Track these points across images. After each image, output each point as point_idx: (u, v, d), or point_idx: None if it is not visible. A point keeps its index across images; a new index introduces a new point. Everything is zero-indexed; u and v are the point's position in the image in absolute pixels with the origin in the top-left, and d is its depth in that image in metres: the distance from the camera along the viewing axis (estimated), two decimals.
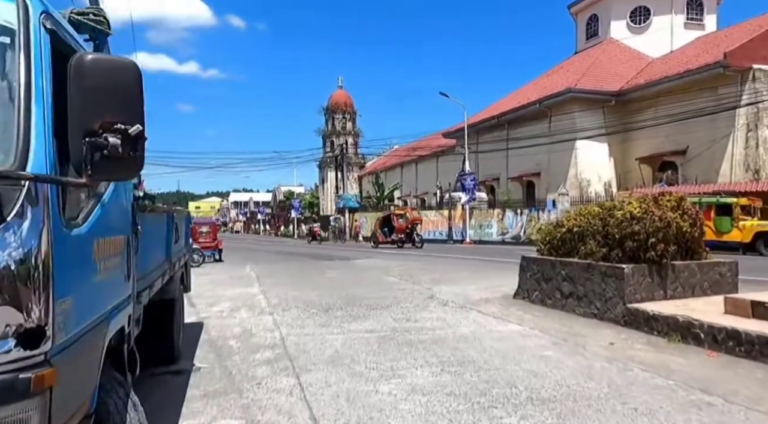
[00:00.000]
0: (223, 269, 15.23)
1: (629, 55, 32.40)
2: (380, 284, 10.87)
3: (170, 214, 4.57)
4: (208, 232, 18.03)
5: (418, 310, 7.80)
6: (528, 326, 6.45)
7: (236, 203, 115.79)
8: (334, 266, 15.84)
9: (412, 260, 17.63)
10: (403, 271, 13.56)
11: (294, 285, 10.97)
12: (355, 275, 12.93)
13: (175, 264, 4.87)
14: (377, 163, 65.16)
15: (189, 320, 7.28)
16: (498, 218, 28.72)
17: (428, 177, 50.03)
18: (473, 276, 11.98)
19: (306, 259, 19.50)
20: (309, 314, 7.63)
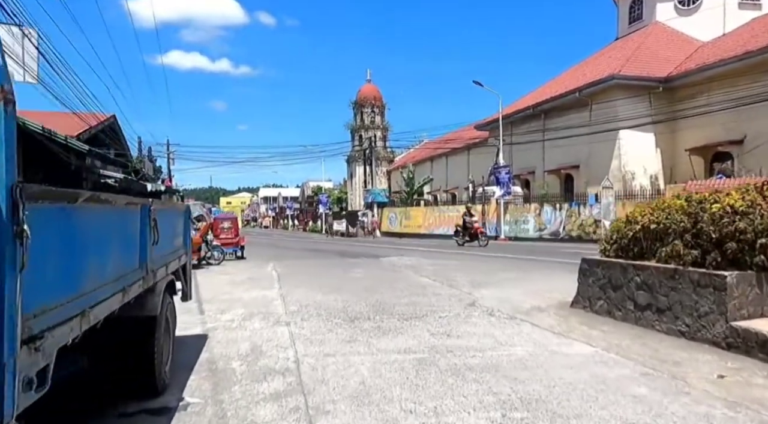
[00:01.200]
0: (244, 268, 14.31)
1: (677, 38, 30.22)
2: (412, 287, 9.71)
3: (145, 206, 3.49)
4: (229, 227, 17.17)
5: (459, 321, 6.61)
6: (600, 347, 5.20)
7: (266, 199, 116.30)
8: (362, 264, 14.75)
9: (445, 258, 16.40)
10: (437, 271, 12.37)
11: (317, 287, 9.91)
12: (385, 275, 11.80)
13: (156, 272, 3.81)
14: (406, 158, 63.91)
15: (192, 331, 6.28)
16: (535, 213, 27.16)
17: (459, 171, 48.50)
18: (516, 278, 10.70)
19: (332, 256, 18.47)
20: (331, 325, 6.53)
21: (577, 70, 34.35)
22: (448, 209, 33.32)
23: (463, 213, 24.36)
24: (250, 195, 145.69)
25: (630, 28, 34.26)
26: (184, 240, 5.46)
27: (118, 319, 3.25)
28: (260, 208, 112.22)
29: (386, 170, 65.15)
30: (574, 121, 29.14)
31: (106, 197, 2.63)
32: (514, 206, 28.82)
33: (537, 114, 33.50)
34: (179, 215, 5.12)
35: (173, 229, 4.77)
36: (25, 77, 12.07)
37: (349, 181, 69.68)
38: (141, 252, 3.47)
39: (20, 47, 11.96)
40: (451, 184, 50.43)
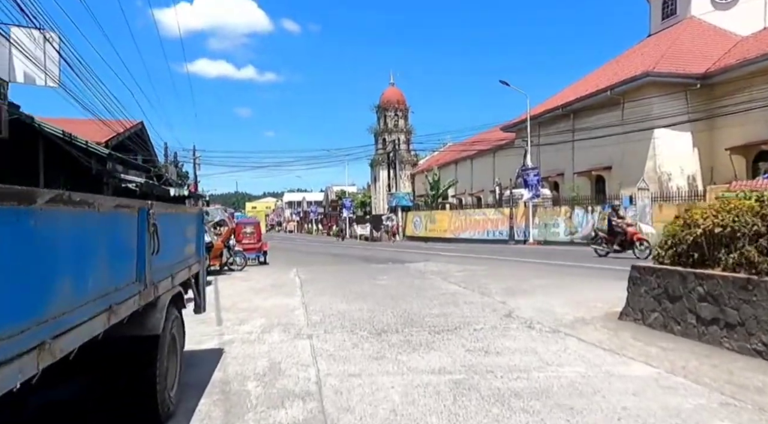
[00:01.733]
0: (266, 274, 13.92)
1: (714, 33, 28.96)
2: (442, 295, 9.13)
3: (143, 210, 3.02)
4: (252, 233, 16.85)
5: (496, 335, 6.01)
6: (663, 368, 4.55)
7: (290, 203, 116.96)
8: (388, 270, 14.21)
9: (473, 263, 15.74)
10: (466, 277, 11.75)
11: (341, 295, 9.42)
12: (412, 282, 11.24)
13: (158, 285, 3.34)
14: (430, 161, 63.26)
15: (207, 345, 5.83)
16: (565, 217, 26.22)
17: (484, 174, 47.66)
18: (553, 285, 10.02)
19: (357, 262, 17.98)
20: (357, 338, 6.01)
21: (608, 68, 33.29)
22: (474, 213, 32.57)
23: (609, 213, 18.16)
24: (275, 200, 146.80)
25: (663, 24, 33.05)
26: (196, 248, 5.02)
27: (111, 340, 2.79)
28: (285, 212, 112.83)
29: (410, 174, 64.60)
30: (606, 121, 28.14)
31: (84, 199, 2.15)
32: (543, 209, 27.92)
33: (566, 114, 32.55)
34: (190, 220, 4.67)
35: (182, 235, 4.32)
36: (47, 81, 11.92)
37: (372, 185, 69.36)
38: (138, 263, 3.00)
39: (41, 51, 11.82)
40: (476, 188, 49.56)
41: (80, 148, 12.01)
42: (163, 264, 3.54)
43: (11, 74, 11.70)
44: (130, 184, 12.50)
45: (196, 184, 49.30)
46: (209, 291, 10.54)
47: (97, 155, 12.30)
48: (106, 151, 12.24)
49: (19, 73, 11.90)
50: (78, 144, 11.58)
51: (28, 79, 11.96)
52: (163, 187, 16.67)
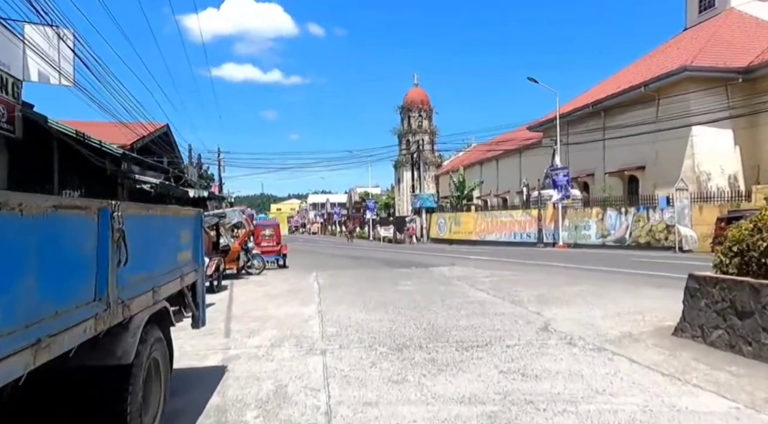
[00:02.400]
0: (284, 278, 13.39)
1: (756, 25, 27.48)
2: (469, 304, 8.43)
3: (104, 211, 2.44)
4: (271, 235, 16.38)
5: (533, 353, 5.30)
6: (742, 401, 3.79)
7: (314, 205, 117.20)
8: (411, 275, 13.54)
9: (501, 267, 14.96)
10: (495, 283, 11.01)
11: (360, 303, 8.80)
12: (436, 288, 10.55)
13: (129, 303, 2.76)
14: (454, 162, 62.34)
15: (209, 361, 5.28)
16: (597, 218, 25.13)
17: (510, 174, 46.57)
18: (590, 293, 9.21)
19: (378, 265, 17.36)
20: (375, 355, 5.37)
21: (641, 64, 32.00)
22: (501, 214, 31.63)
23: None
24: (299, 202, 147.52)
25: (700, 16, 31.57)
26: (194, 254, 4.45)
27: (62, 372, 2.22)
28: (309, 214, 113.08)
29: (434, 175, 63.76)
30: (639, 119, 26.94)
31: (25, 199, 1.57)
32: (573, 211, 26.85)
33: (596, 112, 31.42)
34: (183, 223, 4.10)
35: (171, 241, 3.75)
36: (61, 80, 11.63)
37: (396, 186, 68.73)
38: (98, 278, 2.42)
39: (55, 49, 11.53)
40: (502, 189, 48.48)
41: (95, 148, 11.70)
42: (138, 277, 2.96)
43: (25, 73, 11.43)
44: (144, 185, 12.16)
45: (221, 186, 49.49)
46: (223, 297, 10.06)
47: (112, 156, 11.98)
48: (120, 151, 11.90)
49: (33, 72, 11.63)
50: (91, 144, 11.26)
51: (42, 78, 11.68)
52: (182, 189, 16.36)
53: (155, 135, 23.99)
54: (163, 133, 27.09)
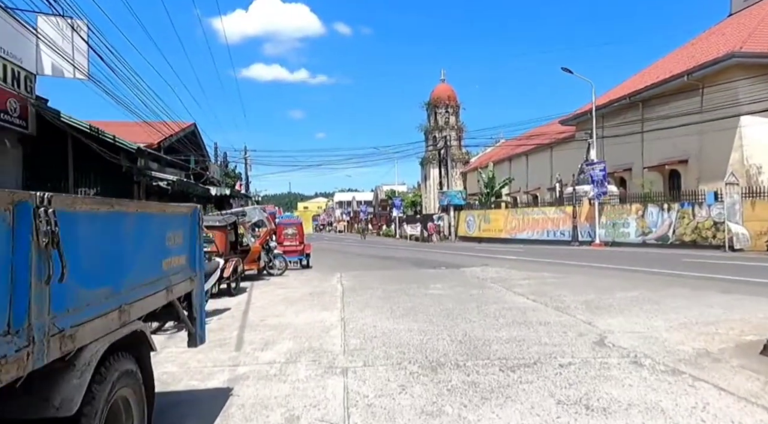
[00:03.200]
0: (306, 280, 12.71)
1: None
2: (509, 311, 7.56)
3: (22, 205, 1.71)
4: (294, 234, 15.72)
5: (593, 375, 4.43)
6: None
7: (340, 203, 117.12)
8: (441, 276, 12.71)
9: (538, 268, 13.98)
10: (534, 286, 10.09)
11: (388, 309, 8.02)
12: (470, 292, 9.69)
13: (74, 332, 2.02)
14: (482, 158, 61.08)
15: (212, 381, 4.58)
16: (637, 215, 23.76)
17: (541, 170, 45.17)
18: (644, 299, 8.22)
19: (406, 265, 16.55)
20: (405, 376, 4.58)
21: (682, 52, 30.34)
22: (532, 211, 30.41)
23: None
24: (326, 200, 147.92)
25: (747, 1, 29.71)
26: (189, 259, 3.73)
27: None
28: (335, 212, 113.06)
29: (461, 172, 62.57)
30: (681, 110, 25.41)
31: None
32: (610, 207, 25.51)
33: (634, 104, 29.92)
34: (171, 222, 3.37)
35: (152, 245, 3.02)
36: (75, 73, 11.18)
37: (423, 184, 67.77)
38: (14, 300, 1.68)
39: (68, 41, 11.07)
40: (532, 185, 47.06)
41: (110, 145, 11.22)
42: (95, 294, 2.23)
43: (38, 66, 11.02)
44: (161, 183, 11.63)
45: (248, 184, 49.44)
46: (240, 301, 9.41)
47: (128, 152, 11.48)
48: (134, 146, 11.38)
49: (47, 65, 11.21)
50: (105, 139, 10.78)
51: (55, 71, 11.26)
52: (202, 186, 15.87)
53: (181, 135, 23.74)
54: (190, 133, 26.85)
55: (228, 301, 9.39)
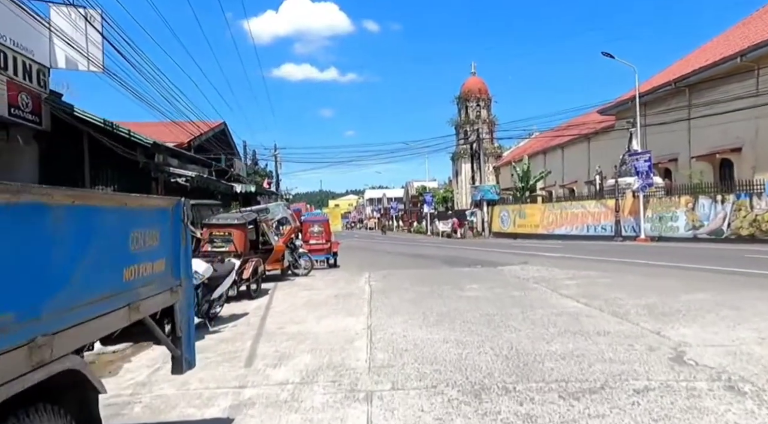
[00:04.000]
0: (333, 280, 11.96)
1: None
2: (558, 317, 6.61)
3: None
4: (320, 232, 14.99)
5: (681, 406, 3.49)
6: None
7: (371, 200, 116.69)
8: (477, 276, 11.78)
9: (583, 266, 12.89)
10: (583, 287, 9.07)
11: (420, 315, 7.17)
12: (510, 294, 8.75)
13: None
14: (515, 152, 59.46)
15: (213, 409, 3.87)
16: (686, 208, 22.19)
17: (577, 163, 43.46)
18: (721, 303, 7.12)
19: (438, 264, 15.65)
20: (442, 405, 3.73)
21: (733, 33, 28.37)
22: (571, 206, 29.00)
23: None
24: (356, 197, 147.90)
25: None
26: (171, 265, 2.97)
27: None
28: (366, 209, 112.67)
29: (493, 167, 61.04)
30: (734, 94, 23.64)
31: None
32: (656, 200, 23.97)
33: (680, 90, 28.19)
34: (138, 218, 2.60)
35: (102, 248, 2.25)
36: (89, 66, 10.70)
37: (454, 179, 66.48)
38: None
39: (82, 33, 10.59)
40: (568, 178, 45.32)
41: (126, 140, 10.71)
42: None
43: (52, 59, 10.57)
44: (179, 179, 11.07)
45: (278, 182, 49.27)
46: (260, 305, 8.71)
47: (145, 147, 10.95)
48: (150, 141, 10.83)
49: (60, 58, 10.76)
50: (120, 133, 10.27)
51: (69, 64, 10.80)
52: (225, 183, 15.34)
53: (210, 134, 23.43)
54: (220, 132, 26.54)
55: (247, 305, 8.71)
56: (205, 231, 9.46)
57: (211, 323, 6.81)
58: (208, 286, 6.76)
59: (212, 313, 7.05)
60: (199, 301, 6.47)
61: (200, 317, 6.71)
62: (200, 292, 6.47)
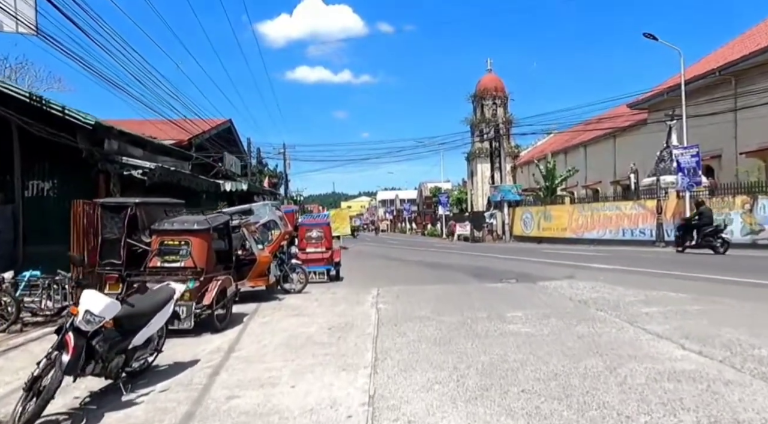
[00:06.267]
0: (331, 300, 9.47)
1: None
2: (676, 383, 4.08)
3: None
4: (319, 238, 12.46)
5: None
6: None
7: (383, 202, 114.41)
8: (515, 295, 9.24)
9: (649, 283, 10.30)
10: (674, 319, 6.49)
11: (450, 370, 4.68)
12: (575, 331, 6.20)
13: None
14: (533, 152, 56.69)
15: None
16: (743, 209, 19.37)
17: (601, 162, 40.73)
18: None
19: (462, 276, 13.08)
20: None
21: None
22: (604, 207, 26.23)
23: None
24: (369, 199, 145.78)
25: None
26: None
27: None
28: (378, 211, 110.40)
29: (510, 167, 58.28)
30: None
31: None
32: (706, 201, 21.15)
33: (725, 79, 25.40)
34: None
35: None
36: (18, 28, 8.37)
37: (469, 180, 63.79)
38: None
39: None
40: (591, 178, 42.51)
41: (63, 123, 8.36)
42: None
43: None
44: (134, 171, 8.71)
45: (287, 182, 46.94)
46: (224, 342, 6.25)
47: (91, 131, 8.60)
48: (91, 121, 8.44)
49: None
50: (52, 110, 7.93)
51: None
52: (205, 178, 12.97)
53: (213, 132, 21.21)
54: (225, 130, 24.28)
55: (206, 343, 6.28)
56: (155, 239, 7.05)
57: (126, 388, 4.38)
58: (121, 329, 4.34)
59: (133, 368, 4.64)
60: (102, 355, 4.07)
61: (108, 378, 4.31)
62: (101, 341, 4.05)
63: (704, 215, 17.45)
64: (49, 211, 9.05)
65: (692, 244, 17.31)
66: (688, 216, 18.92)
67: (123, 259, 7.22)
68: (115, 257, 7.19)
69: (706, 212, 17.64)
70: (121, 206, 7.33)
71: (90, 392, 4.46)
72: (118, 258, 7.19)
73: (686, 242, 17.61)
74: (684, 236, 17.84)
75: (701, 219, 17.31)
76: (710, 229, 16.98)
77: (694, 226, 17.48)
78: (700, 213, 17.55)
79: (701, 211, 17.66)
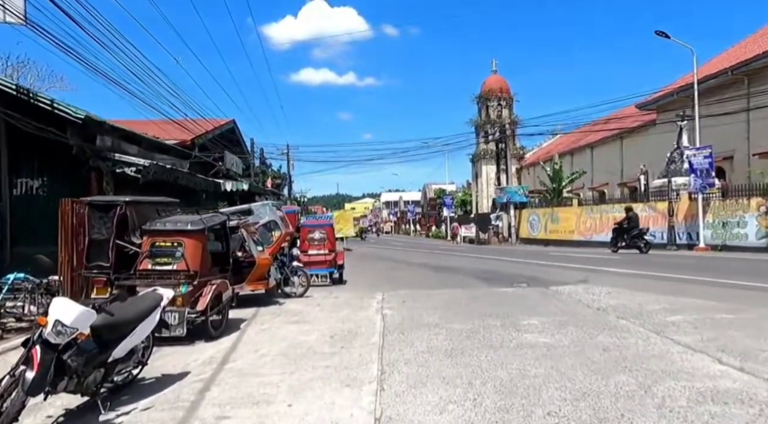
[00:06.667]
0: (333, 305, 9.00)
1: None
2: (723, 408, 3.60)
3: None
4: (321, 240, 11.99)
5: None
6: None
7: (387, 203, 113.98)
8: (529, 301, 8.75)
9: (669, 288, 9.80)
10: (702, 329, 6.00)
11: (465, 387, 4.22)
12: (596, 342, 5.72)
13: None
14: (538, 154, 56.20)
15: None
16: (759, 212, 18.80)
17: (608, 164, 40.18)
18: None
19: (471, 281, 12.60)
20: None
21: None
22: (613, 209, 25.68)
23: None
24: (373, 200, 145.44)
25: None
26: None
27: None
28: (382, 213, 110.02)
29: (516, 169, 57.75)
30: None
31: None
32: (719, 203, 20.63)
33: (737, 78, 24.91)
34: None
35: None
36: (6, 17, 7.96)
37: (474, 182, 63.25)
38: None
39: None
40: (598, 180, 41.99)
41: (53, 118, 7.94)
42: None
43: None
44: (127, 169, 8.28)
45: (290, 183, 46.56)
46: (218, 352, 5.79)
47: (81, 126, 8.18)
48: (81, 115, 8.01)
49: None
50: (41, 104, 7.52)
51: None
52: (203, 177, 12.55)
53: (216, 132, 20.84)
54: (229, 130, 23.87)
55: (199, 353, 5.83)
56: (146, 240, 6.61)
57: (105, 406, 3.93)
58: (99, 340, 3.89)
59: (115, 383, 4.20)
60: (76, 370, 3.62)
61: (84, 395, 3.86)
62: (74, 355, 3.60)
63: (632, 219, 20.12)
64: (38, 210, 8.63)
65: (623, 245, 19.75)
66: (619, 221, 20.98)
67: (112, 261, 6.78)
68: (103, 259, 6.75)
69: (634, 217, 20.27)
70: (110, 205, 6.89)
71: (65, 410, 4.03)
72: (106, 260, 6.75)
73: (618, 244, 20.02)
74: (617, 238, 20.29)
75: (630, 223, 19.94)
76: (636, 232, 19.55)
77: (624, 229, 20.04)
78: (629, 218, 20.12)
79: (630, 216, 20.20)
